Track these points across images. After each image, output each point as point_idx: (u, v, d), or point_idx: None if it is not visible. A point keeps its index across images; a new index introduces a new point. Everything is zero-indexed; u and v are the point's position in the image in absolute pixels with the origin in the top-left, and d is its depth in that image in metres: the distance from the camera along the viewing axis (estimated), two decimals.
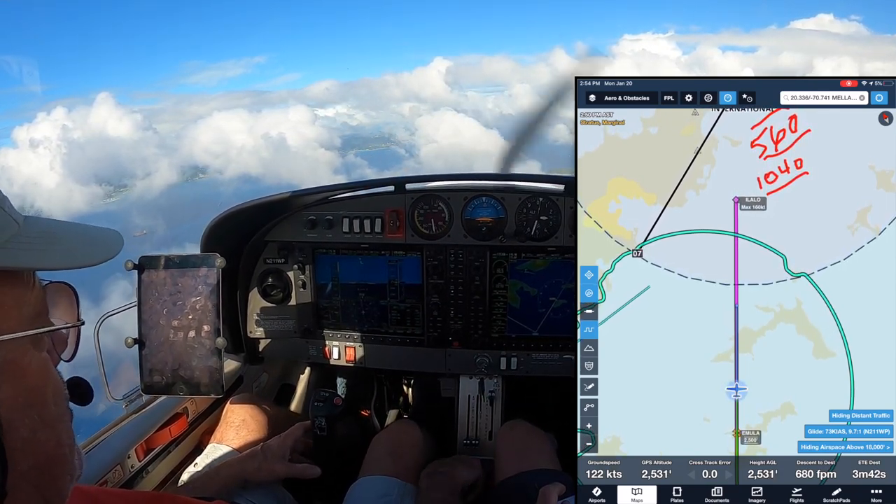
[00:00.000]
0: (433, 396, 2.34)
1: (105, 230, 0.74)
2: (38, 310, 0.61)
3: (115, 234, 0.74)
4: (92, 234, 0.71)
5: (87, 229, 0.72)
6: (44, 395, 0.60)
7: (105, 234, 0.73)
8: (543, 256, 1.93)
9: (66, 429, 0.64)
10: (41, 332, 0.61)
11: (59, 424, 0.62)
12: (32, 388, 0.59)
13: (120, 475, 1.46)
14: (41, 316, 0.62)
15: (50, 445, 0.61)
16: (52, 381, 0.63)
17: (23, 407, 0.57)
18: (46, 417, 0.60)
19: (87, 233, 0.71)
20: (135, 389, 1.54)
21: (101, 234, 0.73)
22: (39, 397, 0.60)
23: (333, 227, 1.97)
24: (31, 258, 0.59)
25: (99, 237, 0.71)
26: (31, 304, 0.60)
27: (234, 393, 1.98)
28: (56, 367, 0.67)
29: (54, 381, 0.63)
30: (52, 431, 0.61)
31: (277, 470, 1.41)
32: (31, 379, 0.59)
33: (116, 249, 0.71)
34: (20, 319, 0.58)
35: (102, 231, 0.74)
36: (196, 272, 1.46)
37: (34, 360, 0.59)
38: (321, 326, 2.10)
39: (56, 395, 0.63)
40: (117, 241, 0.72)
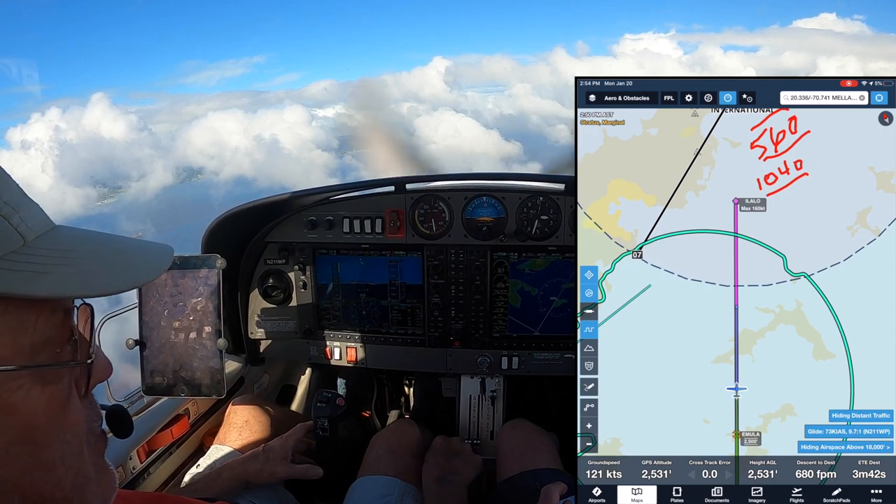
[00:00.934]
0: (434, 396, 2.34)
1: (152, 248, 0.66)
2: (45, 338, 0.54)
3: (159, 257, 0.65)
4: (128, 255, 0.63)
5: (126, 248, 0.63)
6: (43, 434, 0.54)
7: (147, 254, 0.64)
8: (544, 256, 1.93)
9: (72, 469, 0.57)
10: (10, 370, 0.51)
11: (60, 467, 0.56)
12: (25, 427, 0.52)
13: (122, 476, 1.46)
14: (50, 346, 0.54)
15: (46, 488, 0.55)
16: (64, 419, 0.56)
17: (7, 446, 0.51)
18: (45, 459, 0.54)
19: (122, 253, 0.62)
20: (136, 391, 1.55)
21: (141, 254, 0.64)
22: (34, 437, 0.53)
23: (334, 228, 1.97)
24: (17, 282, 0.49)
25: (134, 260, 0.63)
26: (34, 333, 0.53)
27: (236, 394, 1.99)
28: (86, 396, 0.60)
29: (69, 418, 0.57)
30: (51, 474, 0.55)
31: (279, 471, 1.42)
32: (23, 417, 0.52)
33: (147, 277, 0.63)
34: (14, 349, 0.51)
35: (145, 251, 0.65)
36: (197, 273, 1.46)
37: (31, 397, 0.52)
38: (322, 327, 2.10)
39: (70, 431, 0.57)
40: (155, 267, 0.63)
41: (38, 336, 0.53)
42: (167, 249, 0.67)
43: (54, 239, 0.56)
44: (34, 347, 0.53)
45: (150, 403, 1.63)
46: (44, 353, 0.54)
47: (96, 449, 0.62)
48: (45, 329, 0.53)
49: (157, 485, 1.60)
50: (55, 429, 0.55)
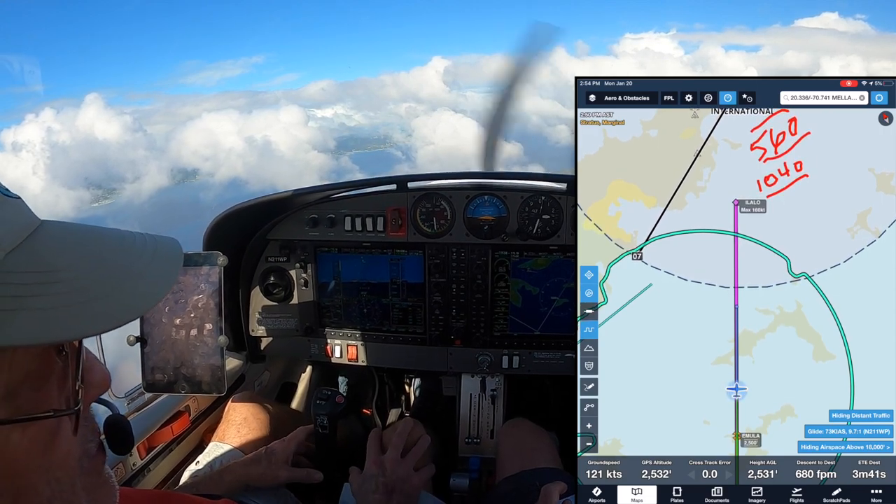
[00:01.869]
0: (435, 395, 2.35)
1: (157, 252, 0.54)
2: (23, 374, 0.46)
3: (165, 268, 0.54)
4: (127, 268, 0.51)
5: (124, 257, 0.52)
6: (25, 480, 0.47)
7: (151, 263, 0.53)
8: (545, 255, 1.93)
9: None
10: None
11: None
12: (4, 476, 0.45)
13: (122, 473, 1.46)
14: (30, 382, 0.46)
15: None
16: (52, 457, 0.49)
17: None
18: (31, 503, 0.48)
19: (119, 266, 0.51)
20: (136, 387, 1.55)
21: (143, 264, 0.53)
22: (16, 484, 0.46)
23: (335, 226, 1.98)
24: None
25: (134, 275, 0.51)
26: (10, 371, 0.45)
27: (236, 391, 1.99)
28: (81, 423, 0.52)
29: (57, 454, 0.49)
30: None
31: (281, 475, 1.42)
32: (2, 465, 0.45)
33: (148, 302, 0.52)
34: None
35: (148, 257, 0.53)
36: (198, 270, 1.46)
37: (11, 442, 0.45)
38: (323, 325, 2.11)
39: (60, 468, 0.50)
40: (160, 285, 0.53)
41: (15, 373, 0.45)
42: (174, 251, 0.57)
43: (33, 251, 0.46)
44: (10, 389, 0.45)
45: (151, 400, 1.63)
46: (24, 391, 0.46)
47: (91, 470, 0.55)
48: (24, 363, 0.46)
49: (157, 481, 1.60)
50: (41, 470, 0.48)
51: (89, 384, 0.53)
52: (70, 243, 0.49)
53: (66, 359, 0.50)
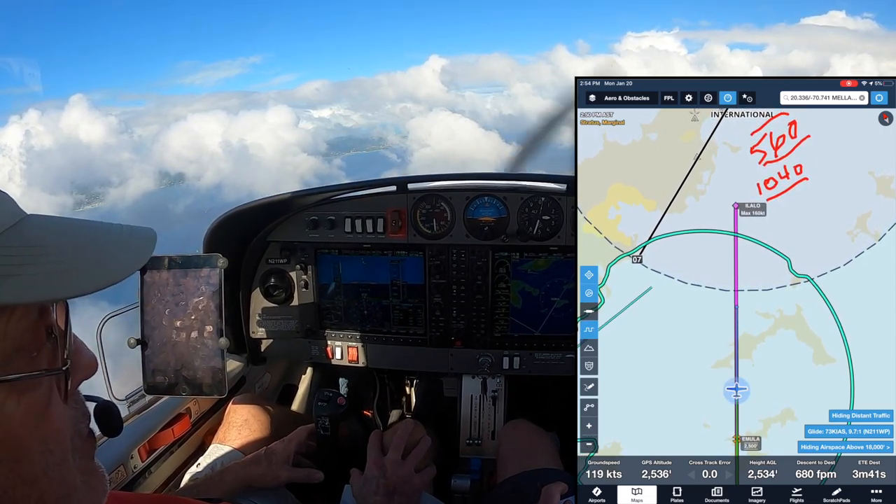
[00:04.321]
0: (436, 396, 2.35)
1: (132, 235, 0.60)
2: (17, 344, 0.50)
3: (139, 246, 0.60)
4: (105, 247, 0.57)
5: (103, 238, 0.58)
6: (22, 447, 0.50)
7: (126, 244, 0.59)
8: (545, 256, 1.93)
9: (56, 479, 0.54)
10: None
11: (43, 479, 0.52)
12: (1, 442, 0.49)
13: (123, 476, 1.46)
14: (23, 352, 0.51)
15: (29, 503, 0.52)
16: (45, 427, 0.52)
17: None
18: (25, 473, 0.51)
19: (98, 245, 0.57)
20: (137, 390, 1.55)
21: (119, 245, 0.59)
22: (13, 451, 0.50)
23: (335, 228, 1.98)
24: None
25: (111, 252, 0.57)
26: (4, 340, 0.49)
27: (237, 393, 1.99)
28: (71, 399, 0.56)
29: (51, 426, 0.53)
30: (33, 488, 0.51)
31: (282, 475, 1.42)
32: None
33: (124, 272, 0.56)
34: None
35: (124, 240, 0.60)
36: (198, 273, 1.46)
37: (6, 408, 0.49)
38: (323, 326, 2.11)
39: (53, 440, 0.53)
40: (134, 260, 0.58)
41: (10, 343, 0.49)
42: (148, 235, 0.62)
43: (21, 233, 0.51)
44: (5, 356, 0.49)
45: (152, 402, 1.63)
46: (17, 360, 0.50)
47: (83, 452, 0.59)
48: (17, 334, 0.49)
49: (158, 484, 1.60)
50: (36, 439, 0.51)
51: (77, 365, 0.57)
52: (53, 229, 0.55)
53: (55, 341, 0.55)
